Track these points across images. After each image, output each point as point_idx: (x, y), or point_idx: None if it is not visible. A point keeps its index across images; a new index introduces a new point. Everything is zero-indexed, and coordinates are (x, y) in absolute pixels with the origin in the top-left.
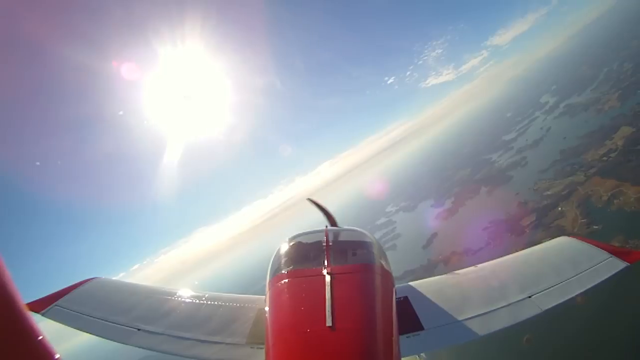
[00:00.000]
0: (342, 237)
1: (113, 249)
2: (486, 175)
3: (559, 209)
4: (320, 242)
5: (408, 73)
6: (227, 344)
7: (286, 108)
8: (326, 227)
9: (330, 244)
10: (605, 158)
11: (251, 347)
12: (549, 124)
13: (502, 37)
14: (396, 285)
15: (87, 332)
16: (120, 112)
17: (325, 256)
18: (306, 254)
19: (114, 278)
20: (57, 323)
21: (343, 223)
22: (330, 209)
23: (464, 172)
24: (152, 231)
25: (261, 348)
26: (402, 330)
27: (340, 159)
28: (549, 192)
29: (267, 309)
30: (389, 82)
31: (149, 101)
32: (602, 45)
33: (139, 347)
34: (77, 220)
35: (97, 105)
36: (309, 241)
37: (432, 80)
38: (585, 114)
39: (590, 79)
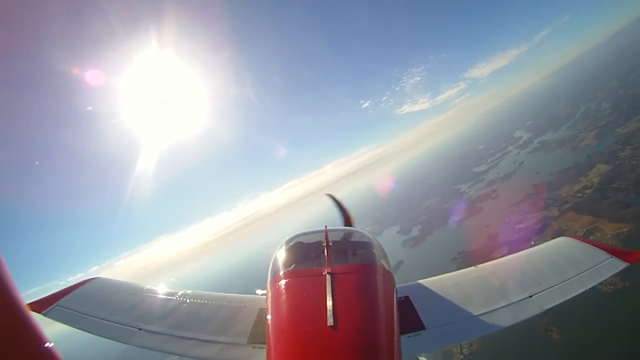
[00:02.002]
0: (342, 237)
1: (74, 249)
2: (455, 205)
3: (532, 242)
4: (320, 242)
5: (384, 98)
6: (228, 343)
7: (258, 123)
8: (325, 227)
9: (331, 244)
10: (580, 194)
11: (252, 347)
12: (522, 158)
13: (481, 70)
14: (397, 285)
15: (88, 332)
16: (89, 108)
17: (326, 256)
18: (307, 254)
19: (70, 278)
20: (59, 323)
21: None
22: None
23: (432, 200)
24: (114, 234)
25: (262, 348)
26: (404, 330)
27: (308, 178)
28: (521, 226)
29: (268, 308)
30: (364, 105)
31: (119, 104)
32: (581, 84)
33: (141, 347)
34: (38, 218)
35: (67, 106)
36: (309, 241)
37: (407, 108)
38: (560, 150)
39: (567, 116)
